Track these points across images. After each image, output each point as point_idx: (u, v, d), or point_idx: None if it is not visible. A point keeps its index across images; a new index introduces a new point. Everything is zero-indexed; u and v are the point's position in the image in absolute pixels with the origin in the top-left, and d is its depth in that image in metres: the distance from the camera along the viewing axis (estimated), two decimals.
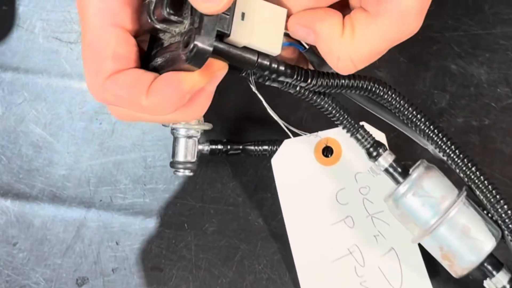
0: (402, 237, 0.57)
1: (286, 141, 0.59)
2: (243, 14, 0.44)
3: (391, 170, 0.53)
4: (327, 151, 0.60)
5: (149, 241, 0.62)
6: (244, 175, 0.63)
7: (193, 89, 0.44)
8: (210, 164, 0.63)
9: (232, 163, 0.63)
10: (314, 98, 0.50)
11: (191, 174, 0.58)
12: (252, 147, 0.61)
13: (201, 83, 0.44)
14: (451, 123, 0.62)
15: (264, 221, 0.62)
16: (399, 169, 0.53)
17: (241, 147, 0.61)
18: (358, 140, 0.53)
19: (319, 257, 0.58)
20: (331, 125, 0.57)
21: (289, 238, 0.58)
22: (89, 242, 0.62)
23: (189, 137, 0.58)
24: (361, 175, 0.59)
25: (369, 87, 0.50)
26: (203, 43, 0.42)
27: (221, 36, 0.44)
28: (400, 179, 0.53)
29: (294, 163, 0.59)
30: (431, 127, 0.53)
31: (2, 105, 0.66)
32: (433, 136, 0.53)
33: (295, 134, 0.58)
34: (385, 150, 0.53)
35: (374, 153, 0.53)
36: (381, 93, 0.51)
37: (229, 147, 0.61)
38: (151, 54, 0.47)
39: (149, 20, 0.45)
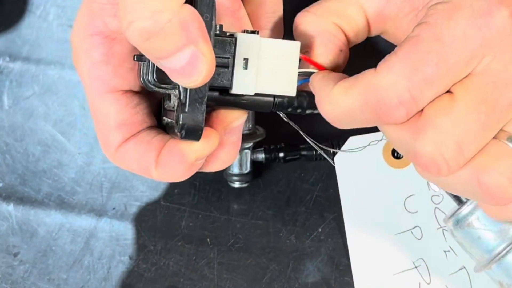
0: None
1: (351, 138, 0.58)
2: (246, 61, 0.44)
3: None
4: (398, 152, 0.58)
5: (167, 256, 0.60)
6: (275, 185, 0.62)
7: (200, 158, 0.45)
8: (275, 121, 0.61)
9: (262, 171, 0.63)
10: None
11: (247, 185, 0.61)
12: (312, 152, 0.62)
13: (208, 150, 0.45)
14: None
15: (297, 238, 0.60)
16: None
17: (301, 152, 0.61)
18: None
19: (379, 268, 0.58)
20: None
21: (348, 245, 0.58)
22: (99, 256, 0.61)
23: (241, 149, 0.60)
24: None
25: None
26: (191, 121, 0.42)
27: (226, 90, 0.44)
28: (462, 198, 0.51)
29: (360, 163, 0.58)
30: None
31: (9, 98, 0.66)
32: None
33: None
34: None
35: None
36: None
37: (286, 153, 0.61)
38: (163, 105, 0.48)
39: (144, 86, 0.45)
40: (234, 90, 0.44)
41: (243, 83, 0.44)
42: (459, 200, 0.51)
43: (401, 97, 0.40)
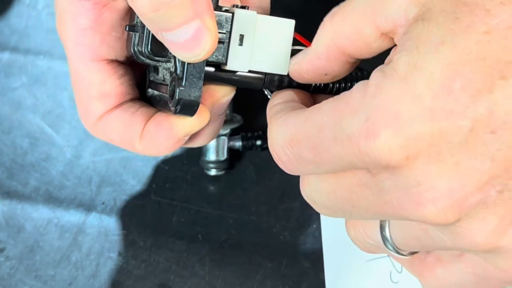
0: None
1: None
2: (241, 37, 0.44)
3: None
4: None
5: (157, 253, 0.60)
6: (269, 179, 0.62)
7: (189, 134, 0.45)
8: (253, 109, 0.62)
9: (256, 165, 0.63)
10: None
11: (223, 172, 0.61)
12: None
13: (198, 126, 0.45)
14: None
15: (291, 235, 0.60)
16: None
17: None
18: None
19: (351, 255, 0.58)
20: None
21: (322, 229, 0.58)
22: (88, 252, 0.60)
23: (219, 136, 0.60)
24: None
25: None
26: (188, 96, 0.42)
27: (218, 65, 0.44)
28: None
29: None
30: None
31: None
32: None
33: None
34: None
35: None
36: None
37: (263, 141, 0.61)
38: (149, 77, 0.48)
39: (134, 58, 0.45)
40: (228, 66, 0.44)
41: (238, 60, 0.44)
42: None
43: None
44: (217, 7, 0.43)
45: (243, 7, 0.44)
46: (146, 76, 0.48)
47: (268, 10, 0.48)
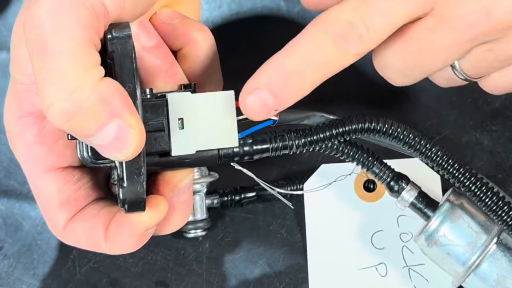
0: None
1: (323, 166, 0.58)
2: (181, 120, 0.43)
3: (417, 204, 0.52)
4: (370, 185, 0.59)
5: (154, 251, 0.59)
6: (266, 177, 0.59)
7: (150, 228, 0.45)
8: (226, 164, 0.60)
9: (252, 163, 0.60)
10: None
11: (204, 233, 0.57)
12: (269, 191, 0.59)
13: (157, 218, 0.45)
14: (506, 126, 0.62)
15: (288, 232, 0.60)
16: (426, 202, 0.52)
17: (254, 193, 0.59)
18: (375, 174, 0.51)
19: None
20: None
21: (309, 276, 0.57)
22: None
23: (194, 193, 0.56)
24: (405, 219, 0.58)
25: (367, 127, 0.47)
26: (131, 194, 0.41)
27: (165, 153, 0.44)
28: (429, 213, 0.52)
29: (329, 193, 0.58)
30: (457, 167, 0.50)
31: None
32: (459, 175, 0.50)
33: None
34: (408, 182, 0.51)
35: (396, 187, 0.51)
36: (384, 130, 0.48)
37: (243, 196, 0.59)
38: (112, 177, 0.48)
39: (82, 162, 0.45)
40: (174, 152, 0.43)
41: (182, 144, 0.43)
42: (426, 216, 0.52)
43: None
44: (153, 96, 0.43)
45: (188, 86, 0.44)
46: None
47: (221, 82, 0.49)
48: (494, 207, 0.49)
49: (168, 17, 0.48)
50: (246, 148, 0.45)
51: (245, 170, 0.47)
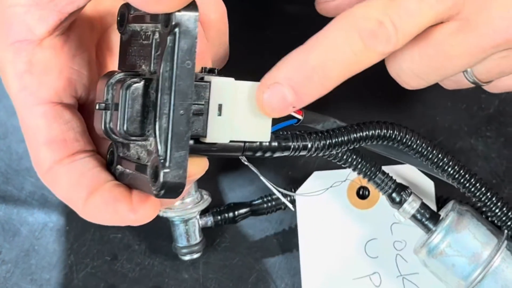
0: None
1: (316, 173, 0.57)
2: (220, 107, 0.41)
3: (419, 216, 0.52)
4: (363, 192, 0.58)
5: (152, 256, 0.60)
6: (261, 182, 0.59)
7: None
8: (221, 169, 0.61)
9: (246, 170, 0.59)
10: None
11: (199, 254, 0.58)
12: (263, 205, 0.59)
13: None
14: (501, 131, 0.62)
15: (284, 237, 0.60)
16: (428, 215, 0.52)
17: (248, 209, 0.59)
18: (377, 184, 0.51)
19: None
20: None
21: (302, 286, 0.57)
22: (83, 255, 0.60)
23: (187, 220, 0.57)
24: (398, 226, 0.57)
25: (385, 134, 0.47)
26: (173, 178, 0.38)
27: (197, 138, 0.41)
28: (431, 226, 0.52)
29: (322, 201, 0.57)
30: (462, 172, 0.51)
31: None
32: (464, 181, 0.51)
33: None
34: (409, 194, 0.52)
35: (398, 199, 0.51)
36: (400, 139, 0.48)
37: (236, 213, 0.58)
38: (117, 153, 0.43)
39: (103, 134, 0.41)
40: (208, 139, 0.41)
41: (218, 131, 0.41)
42: (427, 228, 0.52)
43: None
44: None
45: (212, 70, 0.41)
46: (113, 149, 0.44)
47: (226, 57, 0.46)
48: (504, 218, 0.50)
49: None
50: (274, 144, 0.43)
51: (251, 166, 0.46)
